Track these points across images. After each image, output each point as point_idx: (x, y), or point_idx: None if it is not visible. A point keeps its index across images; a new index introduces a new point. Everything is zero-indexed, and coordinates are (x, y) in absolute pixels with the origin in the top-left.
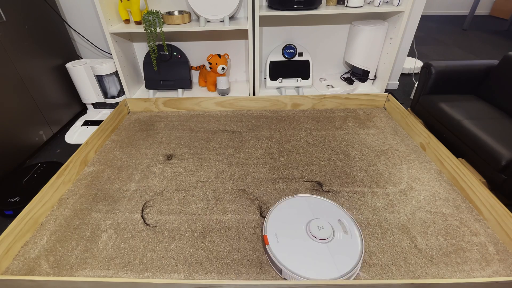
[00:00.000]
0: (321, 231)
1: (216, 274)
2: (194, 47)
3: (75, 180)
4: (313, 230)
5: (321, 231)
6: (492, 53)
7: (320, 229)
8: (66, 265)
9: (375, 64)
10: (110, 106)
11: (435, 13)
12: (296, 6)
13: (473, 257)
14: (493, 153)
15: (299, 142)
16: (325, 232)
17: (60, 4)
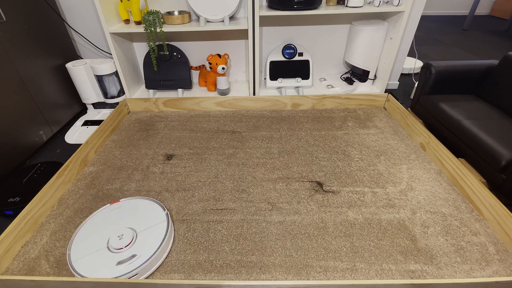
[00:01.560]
0: (121, 240)
1: (216, 274)
2: (194, 47)
3: (75, 180)
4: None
5: (122, 240)
6: (492, 53)
7: (121, 238)
8: (66, 265)
9: (375, 64)
10: (110, 106)
11: (435, 13)
12: (296, 6)
13: (473, 257)
14: (493, 153)
15: (299, 142)
16: (126, 239)
17: (60, 4)
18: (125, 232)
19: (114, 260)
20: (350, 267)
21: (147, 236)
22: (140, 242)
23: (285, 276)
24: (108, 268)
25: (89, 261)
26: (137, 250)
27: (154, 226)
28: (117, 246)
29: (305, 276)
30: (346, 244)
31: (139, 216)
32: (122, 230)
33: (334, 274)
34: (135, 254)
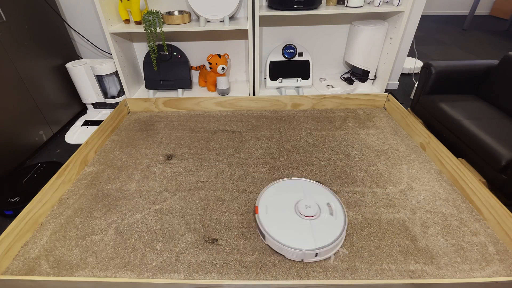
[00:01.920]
0: (307, 209)
1: (216, 274)
2: (194, 47)
3: (75, 180)
4: (301, 208)
5: (308, 210)
6: (492, 53)
7: (307, 208)
8: (66, 265)
9: (375, 64)
10: (110, 106)
11: (435, 13)
12: (296, 6)
13: (473, 257)
14: (493, 153)
15: (299, 142)
16: (311, 211)
17: (60, 4)
18: (311, 205)
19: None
20: (350, 267)
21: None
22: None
23: (285, 276)
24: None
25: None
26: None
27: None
28: (305, 213)
29: (305, 276)
30: (346, 244)
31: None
32: (308, 202)
33: (334, 274)
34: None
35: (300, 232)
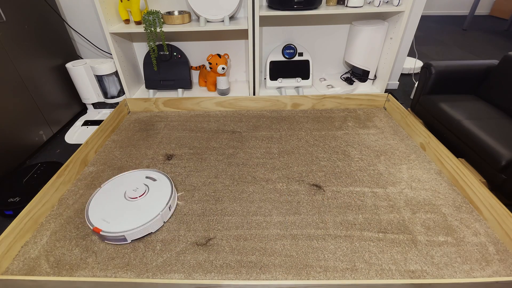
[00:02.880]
0: (136, 191)
1: (216, 274)
2: (194, 47)
3: (75, 180)
4: (129, 193)
5: (137, 191)
6: (492, 53)
7: (136, 190)
8: (66, 265)
9: (375, 64)
10: (110, 106)
11: (435, 13)
12: (296, 6)
13: (473, 257)
14: (493, 153)
15: (299, 142)
16: (139, 191)
17: (60, 4)
18: (139, 186)
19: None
20: (350, 267)
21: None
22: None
23: (285, 276)
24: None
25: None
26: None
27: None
28: (132, 195)
29: (305, 276)
30: (346, 244)
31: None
32: (136, 186)
33: (334, 274)
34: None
35: (139, 212)
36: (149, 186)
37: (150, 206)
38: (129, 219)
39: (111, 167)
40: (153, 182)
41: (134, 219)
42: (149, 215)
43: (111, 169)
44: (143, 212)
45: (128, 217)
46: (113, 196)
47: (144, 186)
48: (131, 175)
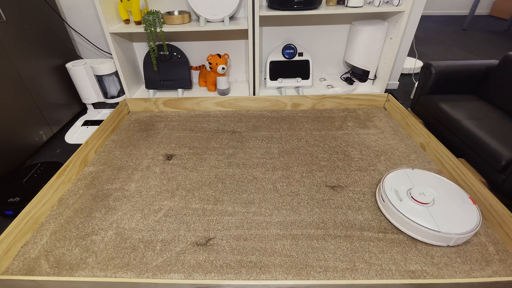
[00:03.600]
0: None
1: (216, 274)
2: (194, 47)
3: (75, 180)
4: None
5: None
6: (492, 53)
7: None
8: (66, 265)
9: (375, 64)
10: (110, 106)
11: (435, 13)
12: (296, 6)
13: (473, 257)
14: (493, 153)
15: (299, 142)
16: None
17: (60, 4)
18: (426, 193)
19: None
20: (350, 267)
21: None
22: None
23: (285, 276)
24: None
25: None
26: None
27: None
28: (417, 198)
29: (305, 276)
30: (346, 244)
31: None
32: (424, 190)
33: (334, 274)
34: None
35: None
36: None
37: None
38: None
39: (111, 167)
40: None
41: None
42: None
43: (111, 169)
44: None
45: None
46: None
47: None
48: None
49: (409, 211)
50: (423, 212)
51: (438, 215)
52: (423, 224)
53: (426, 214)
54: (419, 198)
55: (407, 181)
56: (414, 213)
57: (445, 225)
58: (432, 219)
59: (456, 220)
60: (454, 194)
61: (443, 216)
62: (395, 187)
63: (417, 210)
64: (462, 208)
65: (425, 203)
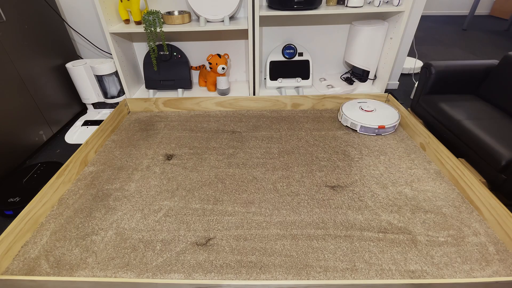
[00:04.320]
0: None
1: (216, 274)
2: (194, 47)
3: (75, 180)
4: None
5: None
6: (492, 53)
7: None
8: (66, 265)
9: (375, 64)
10: (110, 106)
11: (435, 13)
12: (296, 6)
13: (473, 257)
14: (493, 153)
15: (299, 142)
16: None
17: (60, 4)
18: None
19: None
20: (350, 267)
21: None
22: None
23: (285, 276)
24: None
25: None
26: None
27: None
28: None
29: (305, 276)
30: (346, 244)
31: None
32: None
33: (334, 274)
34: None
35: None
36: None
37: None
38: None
39: (111, 167)
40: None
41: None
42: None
43: (111, 169)
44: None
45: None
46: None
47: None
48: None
49: (357, 116)
50: (366, 115)
51: (374, 117)
52: (359, 120)
53: (367, 117)
54: (365, 108)
55: (361, 103)
56: (362, 117)
57: (378, 122)
58: (370, 119)
59: (385, 119)
60: (389, 110)
61: (377, 117)
62: (353, 104)
63: (363, 115)
64: (390, 115)
65: (369, 111)
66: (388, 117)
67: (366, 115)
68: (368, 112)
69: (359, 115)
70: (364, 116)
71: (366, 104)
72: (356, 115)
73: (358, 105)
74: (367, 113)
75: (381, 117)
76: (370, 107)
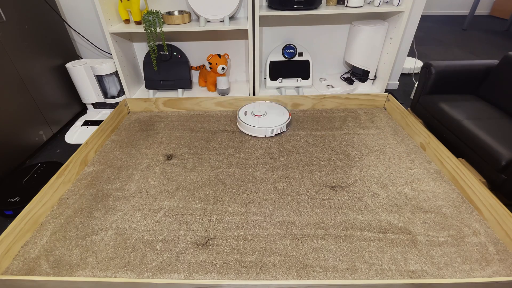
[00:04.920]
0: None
1: (216, 274)
2: (194, 47)
3: (75, 180)
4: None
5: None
6: (492, 53)
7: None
8: (66, 265)
9: (375, 64)
10: (110, 106)
11: (435, 13)
12: (296, 6)
13: (473, 257)
14: (493, 153)
15: (299, 142)
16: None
17: (60, 4)
18: (262, 111)
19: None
20: (350, 267)
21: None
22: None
23: (285, 276)
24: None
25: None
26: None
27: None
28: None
29: (305, 276)
30: (346, 244)
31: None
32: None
33: (334, 274)
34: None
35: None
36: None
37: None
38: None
39: (111, 167)
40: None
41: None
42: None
43: (111, 169)
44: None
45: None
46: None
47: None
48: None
49: (247, 119)
50: (256, 119)
51: (263, 120)
52: (251, 124)
53: (256, 120)
54: (256, 113)
55: (255, 108)
56: (250, 120)
57: (264, 124)
58: (258, 122)
59: (275, 122)
60: (280, 111)
61: (266, 120)
62: (246, 109)
63: (256, 119)
64: (280, 116)
65: (258, 115)
66: (279, 116)
67: (258, 119)
68: (258, 116)
69: (253, 121)
70: (257, 121)
71: (257, 109)
72: (250, 121)
73: (250, 111)
74: (258, 117)
75: (271, 119)
76: (260, 111)
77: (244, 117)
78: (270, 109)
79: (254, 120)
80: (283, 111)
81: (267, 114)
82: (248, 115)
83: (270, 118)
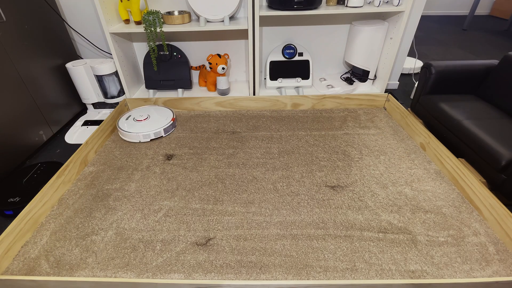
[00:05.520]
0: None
1: (216, 274)
2: (194, 47)
3: (75, 180)
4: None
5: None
6: (492, 53)
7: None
8: (66, 265)
9: (375, 64)
10: (110, 106)
11: (435, 13)
12: (296, 6)
13: (473, 257)
14: (493, 153)
15: (299, 142)
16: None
17: (60, 4)
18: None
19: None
20: (350, 267)
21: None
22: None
23: (285, 276)
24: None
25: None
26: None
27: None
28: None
29: (305, 276)
30: (346, 244)
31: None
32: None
33: (334, 274)
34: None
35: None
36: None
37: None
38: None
39: (111, 167)
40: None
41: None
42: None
43: (111, 169)
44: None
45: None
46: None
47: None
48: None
49: (128, 126)
50: (137, 125)
51: (146, 125)
52: (128, 130)
53: (138, 126)
54: (138, 118)
55: (143, 112)
56: (131, 126)
57: (144, 128)
58: (140, 127)
59: (153, 122)
60: (164, 114)
61: (149, 125)
62: (129, 115)
63: (134, 124)
64: (163, 118)
65: (141, 120)
66: (163, 117)
67: (142, 124)
68: (141, 121)
69: (136, 127)
70: (141, 126)
71: (138, 114)
72: (134, 128)
73: (131, 117)
74: (140, 122)
75: (155, 121)
76: (143, 116)
77: (122, 123)
78: (154, 113)
79: (131, 126)
80: (168, 115)
81: (149, 118)
82: (129, 120)
83: (151, 123)
